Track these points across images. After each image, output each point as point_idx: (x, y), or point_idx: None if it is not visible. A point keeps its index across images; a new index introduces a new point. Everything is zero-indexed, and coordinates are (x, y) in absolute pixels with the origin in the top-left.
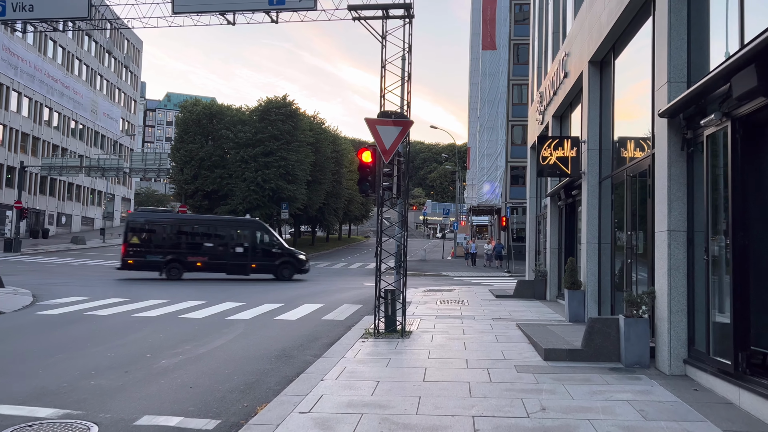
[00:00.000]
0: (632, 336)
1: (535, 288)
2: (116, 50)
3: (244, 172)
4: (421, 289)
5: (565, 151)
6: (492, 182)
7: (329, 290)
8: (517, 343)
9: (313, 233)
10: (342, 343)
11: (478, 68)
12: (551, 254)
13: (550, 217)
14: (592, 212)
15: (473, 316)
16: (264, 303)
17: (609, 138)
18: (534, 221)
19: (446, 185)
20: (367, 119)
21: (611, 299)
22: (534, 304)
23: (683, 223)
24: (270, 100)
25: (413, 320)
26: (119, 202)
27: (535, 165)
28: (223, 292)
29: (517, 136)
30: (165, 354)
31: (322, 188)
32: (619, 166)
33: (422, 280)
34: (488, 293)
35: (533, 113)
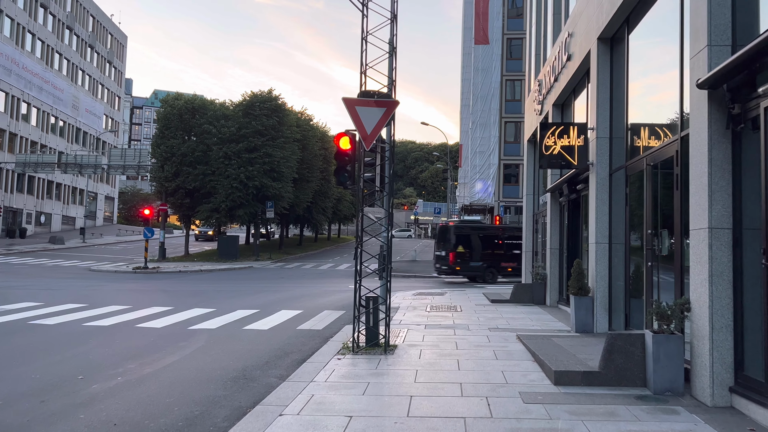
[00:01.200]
0: (662, 356)
1: (533, 292)
2: (99, 44)
3: (227, 168)
4: (410, 293)
5: (571, 140)
6: (484, 180)
7: (312, 293)
8: (520, 360)
9: (300, 233)
10: (315, 361)
11: (470, 63)
12: (551, 255)
13: (550, 215)
14: (602, 208)
15: (467, 326)
16: (237, 309)
17: (621, 124)
18: (531, 220)
19: (438, 185)
20: (346, 99)
21: (625, 308)
22: (533, 310)
23: (728, 219)
24: (255, 94)
25: (399, 330)
26: (102, 201)
27: (532, 159)
28: (195, 296)
29: (510, 134)
30: (102, 375)
31: (309, 186)
32: (635, 156)
33: (412, 282)
34: (482, 297)
35: (530, 104)
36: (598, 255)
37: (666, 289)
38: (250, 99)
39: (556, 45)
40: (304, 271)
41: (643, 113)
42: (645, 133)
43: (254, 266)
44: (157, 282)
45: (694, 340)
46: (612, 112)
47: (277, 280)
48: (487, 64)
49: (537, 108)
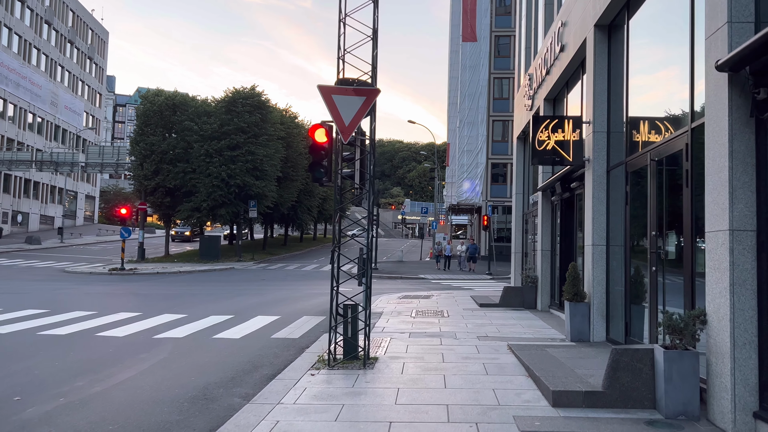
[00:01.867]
0: (675, 375)
1: (524, 295)
2: (79, 40)
3: (208, 166)
4: (396, 296)
5: (566, 134)
6: (472, 180)
7: (292, 297)
8: (513, 375)
9: (285, 233)
10: (285, 377)
11: (458, 61)
12: (543, 257)
13: (541, 215)
14: (599, 208)
15: (454, 334)
16: (210, 315)
17: (620, 117)
18: (521, 220)
19: (425, 184)
20: (321, 87)
21: (625, 315)
22: (524, 315)
23: (751, 219)
24: (237, 90)
25: (381, 340)
26: (83, 200)
27: (522, 157)
28: (168, 300)
29: (497, 132)
30: (43, 395)
31: (294, 185)
32: (636, 151)
33: (398, 283)
34: (470, 300)
35: (520, 99)
36: (595, 258)
37: (673, 296)
38: (232, 95)
39: (548, 36)
40: (287, 272)
41: (645, 105)
42: (646, 126)
43: (236, 267)
44: (132, 284)
45: (712, 358)
46: (610, 104)
47: (257, 282)
48: (475, 62)
49: (527, 103)
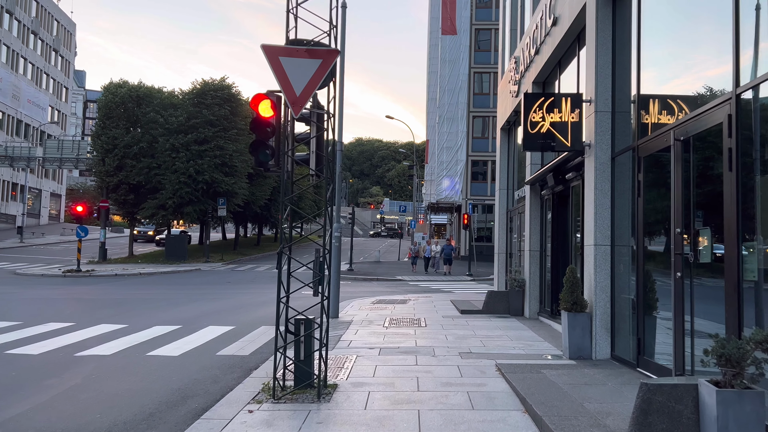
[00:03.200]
0: (733, 423)
1: (510, 301)
2: (43, 31)
3: (174, 162)
4: (369, 301)
5: (563, 115)
6: (452, 177)
7: (255, 302)
8: (506, 410)
9: (259, 232)
10: (215, 416)
11: (437, 55)
12: (531, 259)
13: (529, 212)
14: (602, 201)
15: (432, 349)
16: (155, 325)
17: (627, 95)
18: (505, 217)
19: (405, 183)
20: (266, 47)
21: (636, 329)
22: (511, 323)
23: None
24: (206, 82)
25: (346, 358)
26: (47, 198)
27: (506, 149)
28: (114, 307)
29: (477, 129)
30: None
31: (267, 183)
32: (651, 132)
33: (374, 286)
34: (450, 306)
35: (504, 87)
36: (598, 260)
37: (706, 310)
38: (201, 87)
39: (537, 11)
40: (255, 274)
41: (662, 78)
42: (660, 105)
43: (202, 268)
44: (83, 288)
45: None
46: (615, 80)
47: (222, 286)
48: (455, 56)
49: (513, 90)
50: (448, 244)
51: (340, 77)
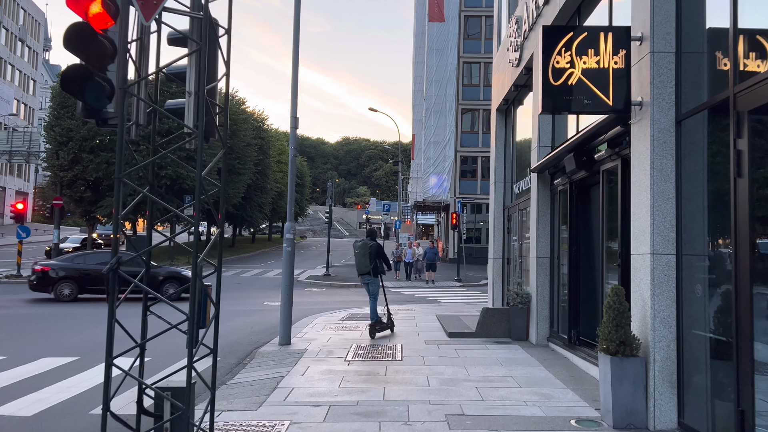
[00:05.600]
0: None
1: (510, 321)
2: (7, 19)
3: (133, 155)
4: (339, 316)
5: (602, 59)
6: (439, 174)
7: None
8: None
9: (234, 233)
10: None
11: (423, 44)
12: (538, 268)
13: (536, 208)
14: (663, 187)
15: (407, 408)
16: (43, 357)
17: (698, 28)
18: (501, 216)
19: (392, 183)
20: None
21: (736, 388)
22: (515, 354)
23: None
24: None
25: (274, 427)
26: (12, 196)
27: (503, 134)
28: (20, 325)
29: (467, 123)
30: None
31: (241, 180)
32: (745, 78)
33: (350, 294)
34: (435, 323)
35: (501, 59)
36: (657, 277)
37: None
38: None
39: None
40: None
41: None
42: None
43: None
44: (6, 297)
45: None
46: (681, 9)
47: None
48: (443, 45)
49: (513, 58)
50: (431, 248)
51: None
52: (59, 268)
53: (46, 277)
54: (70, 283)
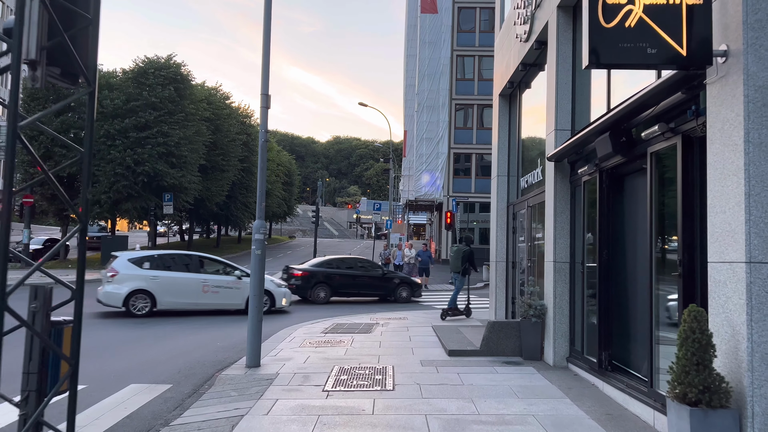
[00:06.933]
0: None
1: (522, 337)
2: None
3: (109, 150)
4: (322, 327)
5: None
6: (432, 172)
7: (162, 331)
8: None
9: (218, 233)
10: None
11: (415, 37)
12: (556, 275)
13: (553, 204)
14: (765, 169)
15: None
16: None
17: None
18: (505, 213)
19: (384, 183)
20: None
21: None
22: (531, 381)
23: None
24: (149, 59)
25: None
26: None
27: (506, 120)
28: None
29: (460, 119)
30: None
31: (225, 177)
32: None
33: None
34: (431, 337)
35: (506, 36)
36: (757, 296)
37: None
38: (143, 65)
39: None
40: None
41: None
42: None
43: None
44: None
45: None
46: None
47: None
48: (435, 37)
49: (521, 31)
50: (425, 250)
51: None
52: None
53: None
54: (325, 286)
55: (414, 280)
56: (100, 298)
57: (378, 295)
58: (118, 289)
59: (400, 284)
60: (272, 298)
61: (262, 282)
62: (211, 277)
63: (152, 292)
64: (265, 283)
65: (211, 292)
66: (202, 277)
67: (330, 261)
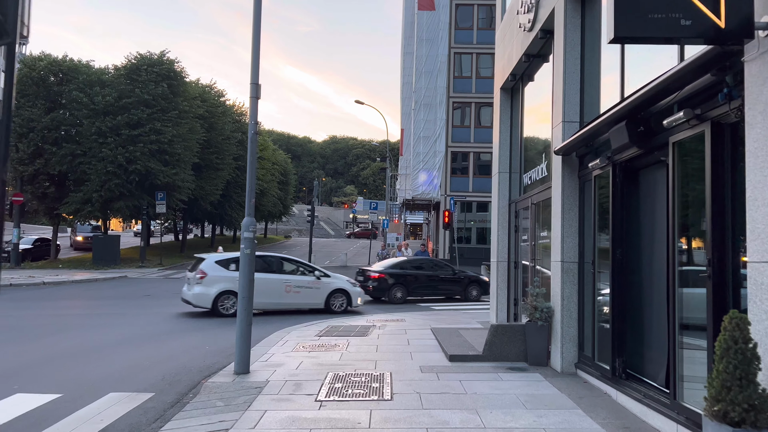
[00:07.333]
0: None
1: (527, 341)
2: None
3: (100, 148)
4: (315, 330)
5: None
6: (429, 171)
7: (148, 334)
8: None
9: (213, 232)
10: None
11: (413, 34)
12: (564, 275)
13: (561, 200)
14: None
15: None
16: None
17: None
18: (507, 212)
19: (380, 182)
20: None
21: None
22: (540, 390)
23: None
24: (142, 55)
25: None
26: None
27: (508, 114)
28: None
29: (457, 118)
30: None
31: (219, 176)
32: None
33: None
34: (431, 340)
35: (507, 26)
36: None
37: None
38: (136, 62)
39: None
40: None
41: None
42: None
43: (130, 275)
44: None
45: None
46: None
47: (134, 301)
48: (433, 34)
49: (525, 20)
50: (422, 251)
51: None
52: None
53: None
54: (401, 287)
55: (483, 278)
56: (189, 299)
57: (449, 294)
58: (207, 290)
59: (470, 283)
60: (349, 297)
61: (251, 283)
62: (292, 277)
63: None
64: (341, 282)
65: (293, 292)
66: (284, 278)
67: (403, 263)
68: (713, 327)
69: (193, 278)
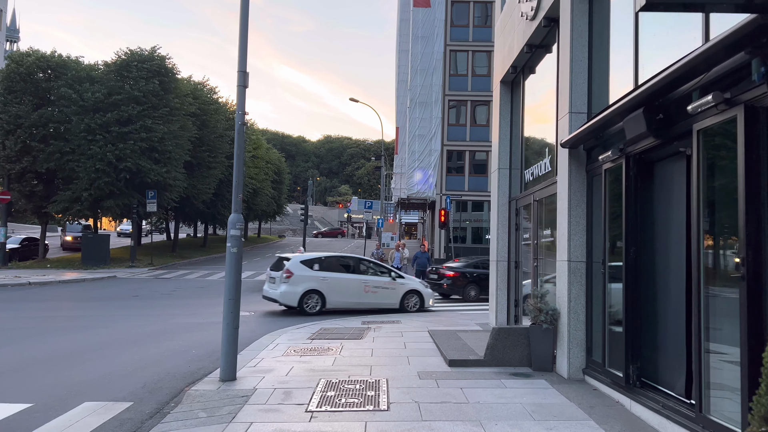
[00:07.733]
0: None
1: (531, 345)
2: None
3: (89, 145)
4: (308, 332)
5: None
6: (425, 170)
7: (132, 338)
8: None
9: (205, 232)
10: None
11: (408, 31)
12: (570, 275)
13: (568, 196)
14: None
15: None
16: None
17: None
18: (507, 209)
19: (375, 182)
20: None
21: None
22: (545, 397)
23: None
24: (132, 51)
25: None
26: None
27: (508, 108)
28: None
29: (453, 115)
30: None
31: (212, 174)
32: None
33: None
34: (429, 344)
35: (508, 16)
36: None
37: None
38: (126, 58)
39: None
40: (180, 282)
41: None
42: None
43: (119, 275)
44: None
45: None
46: None
47: (121, 302)
48: (428, 32)
49: (527, 9)
50: (422, 251)
51: None
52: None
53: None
54: (475, 286)
55: None
56: (275, 297)
57: None
58: (293, 288)
59: None
60: (422, 298)
61: (239, 284)
62: (370, 278)
63: (322, 292)
64: (414, 284)
65: (371, 292)
66: (363, 278)
67: (476, 262)
68: (747, 331)
69: (279, 277)
